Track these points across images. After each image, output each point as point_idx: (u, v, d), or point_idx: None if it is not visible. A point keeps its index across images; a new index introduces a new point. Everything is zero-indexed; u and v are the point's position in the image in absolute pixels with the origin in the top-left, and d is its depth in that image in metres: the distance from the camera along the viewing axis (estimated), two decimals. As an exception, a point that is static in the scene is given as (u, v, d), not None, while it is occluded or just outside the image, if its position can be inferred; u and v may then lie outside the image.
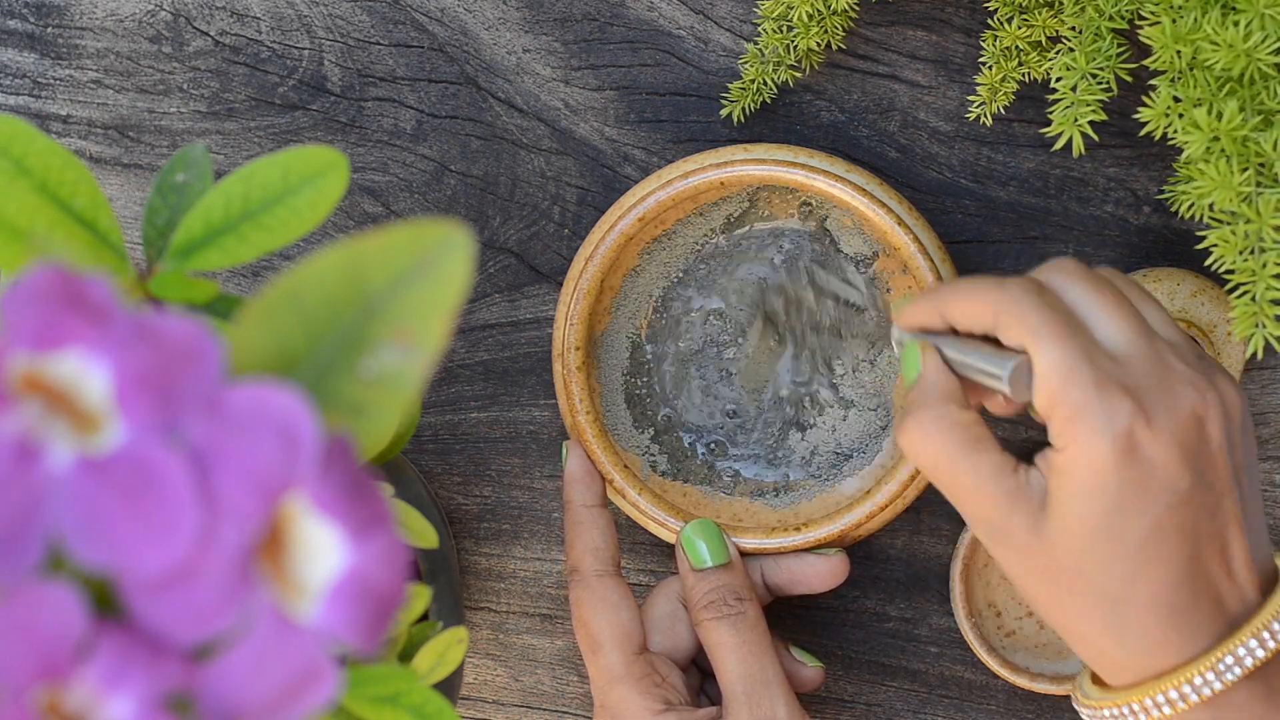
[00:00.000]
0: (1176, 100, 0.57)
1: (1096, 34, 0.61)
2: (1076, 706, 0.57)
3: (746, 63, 0.69)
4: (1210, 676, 0.52)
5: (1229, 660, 0.52)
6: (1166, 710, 0.52)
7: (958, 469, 0.54)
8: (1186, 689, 0.52)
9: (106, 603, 0.33)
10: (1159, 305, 0.57)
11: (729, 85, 0.69)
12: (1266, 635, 0.52)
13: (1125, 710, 0.53)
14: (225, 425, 0.33)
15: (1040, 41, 0.65)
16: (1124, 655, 0.53)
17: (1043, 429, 0.58)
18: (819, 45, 0.67)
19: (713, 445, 0.72)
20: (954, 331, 0.58)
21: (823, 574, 0.68)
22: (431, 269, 0.36)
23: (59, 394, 0.33)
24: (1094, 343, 0.53)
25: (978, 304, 0.55)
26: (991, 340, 0.56)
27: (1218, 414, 0.53)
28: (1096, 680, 0.56)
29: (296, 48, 0.71)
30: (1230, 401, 0.54)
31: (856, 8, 0.66)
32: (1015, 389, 0.54)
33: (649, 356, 0.71)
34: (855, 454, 0.71)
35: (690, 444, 0.71)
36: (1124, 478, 0.52)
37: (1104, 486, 0.52)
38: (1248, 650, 0.52)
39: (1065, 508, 0.53)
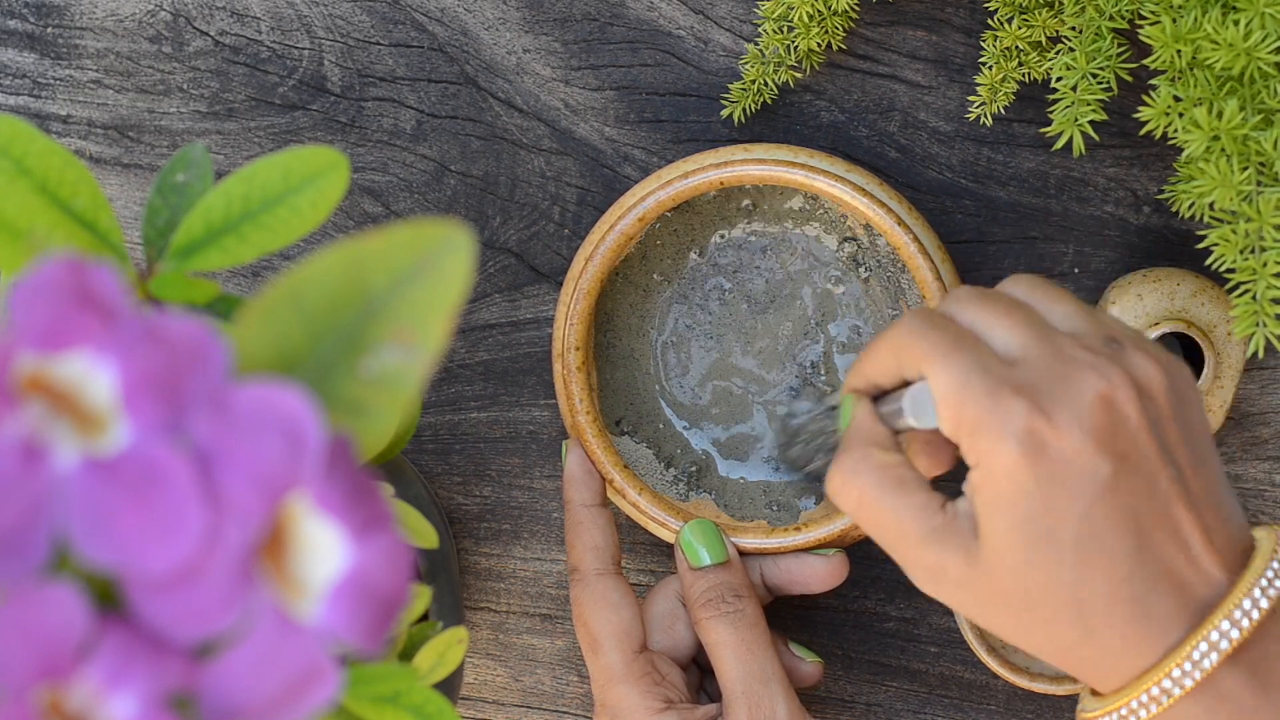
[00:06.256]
0: (1177, 100, 0.57)
1: (1096, 34, 0.61)
2: None
3: (747, 63, 0.69)
4: (1188, 666, 0.50)
5: (1203, 647, 0.50)
6: (1154, 709, 0.51)
7: (880, 511, 0.53)
8: (1167, 683, 0.51)
9: (109, 601, 0.33)
10: (1068, 296, 0.55)
11: (729, 85, 0.69)
12: (1239, 614, 0.50)
13: (1117, 716, 0.52)
14: (230, 425, 0.33)
15: (1040, 41, 0.65)
16: (1103, 659, 0.52)
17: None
18: (819, 45, 0.67)
19: (713, 442, 0.72)
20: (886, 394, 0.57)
21: (821, 575, 0.68)
22: (432, 269, 0.36)
23: (63, 395, 0.33)
24: (988, 353, 0.52)
25: (881, 350, 0.54)
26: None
27: (1129, 393, 0.51)
28: (1096, 692, 0.55)
29: (296, 48, 0.71)
30: (1146, 377, 0.52)
31: (856, 8, 0.66)
32: (918, 416, 0.53)
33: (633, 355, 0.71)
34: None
35: (689, 444, 0.72)
36: (1039, 478, 0.50)
37: (1023, 491, 0.50)
38: (1221, 633, 0.50)
39: (992, 525, 0.51)
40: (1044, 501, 0.50)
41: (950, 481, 0.59)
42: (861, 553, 0.72)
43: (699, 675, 0.69)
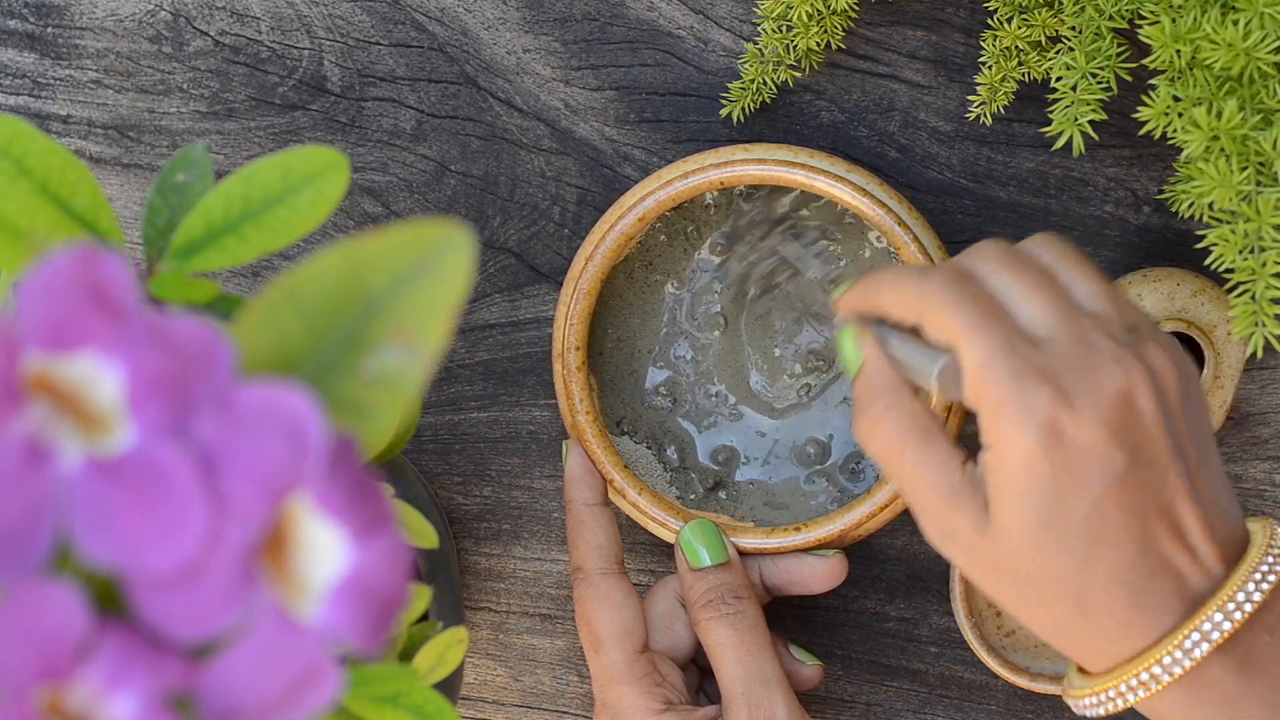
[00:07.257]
0: (1176, 99, 0.57)
1: (1096, 33, 0.61)
2: (1066, 699, 0.57)
3: (746, 62, 0.69)
4: (1179, 654, 0.51)
5: (1195, 637, 0.51)
6: (1141, 693, 0.52)
7: (905, 460, 0.54)
8: (1157, 669, 0.51)
9: (109, 601, 0.33)
10: (1093, 273, 0.55)
11: (729, 85, 0.69)
12: (1232, 607, 0.51)
13: (1103, 696, 0.53)
14: (234, 425, 0.33)
15: (1040, 41, 0.65)
16: (1096, 640, 0.53)
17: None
18: (819, 45, 0.67)
19: (717, 451, 0.72)
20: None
21: (820, 575, 0.68)
22: (432, 269, 0.36)
23: (69, 395, 0.33)
24: (1015, 330, 0.52)
25: (904, 295, 0.54)
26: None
27: (1147, 388, 0.52)
28: (1083, 670, 0.56)
29: (296, 48, 0.71)
30: (1162, 372, 0.52)
31: (856, 8, 0.66)
32: (944, 389, 0.53)
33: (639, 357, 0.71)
34: (855, 453, 0.71)
35: (690, 447, 0.72)
36: (1054, 466, 0.51)
37: (1036, 478, 0.51)
38: (1213, 624, 0.51)
39: (1003, 506, 0.52)
40: (1056, 490, 0.51)
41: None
42: (861, 553, 0.72)
43: (698, 676, 0.69)
